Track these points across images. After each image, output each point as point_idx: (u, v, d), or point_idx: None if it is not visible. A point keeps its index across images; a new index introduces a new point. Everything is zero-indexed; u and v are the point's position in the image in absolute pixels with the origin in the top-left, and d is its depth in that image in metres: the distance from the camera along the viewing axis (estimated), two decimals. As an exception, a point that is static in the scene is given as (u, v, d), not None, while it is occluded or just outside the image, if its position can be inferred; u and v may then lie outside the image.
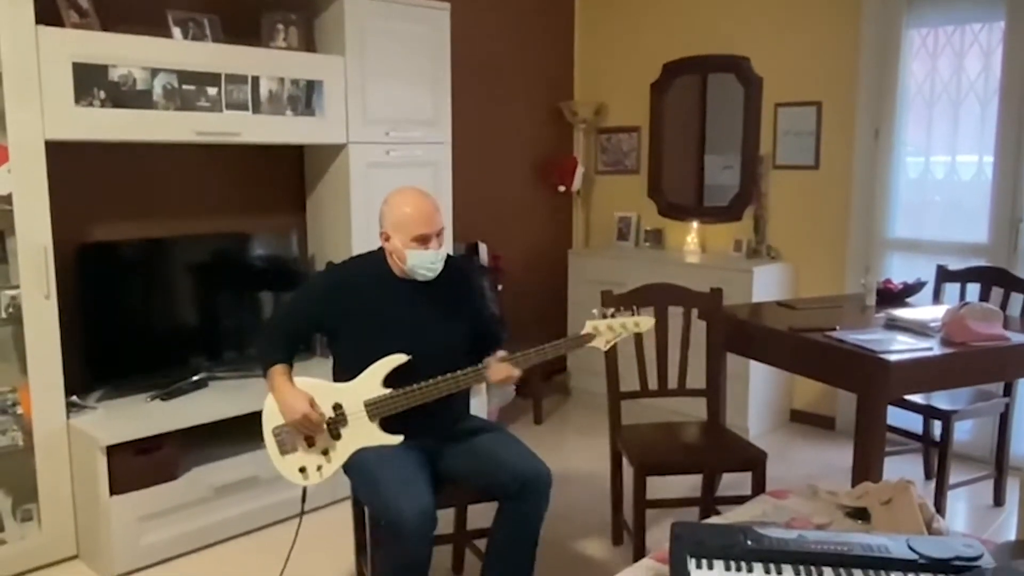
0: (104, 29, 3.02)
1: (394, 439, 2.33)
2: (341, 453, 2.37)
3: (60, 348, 2.87)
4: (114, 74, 2.92)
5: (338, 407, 2.36)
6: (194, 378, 3.34)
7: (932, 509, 1.93)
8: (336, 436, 2.37)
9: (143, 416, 3.01)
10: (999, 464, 3.43)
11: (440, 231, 2.36)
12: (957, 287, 3.63)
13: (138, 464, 2.89)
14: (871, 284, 3.48)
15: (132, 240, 3.30)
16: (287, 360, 2.42)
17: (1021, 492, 2.53)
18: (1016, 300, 3.43)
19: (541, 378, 4.56)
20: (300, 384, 2.38)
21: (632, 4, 5.04)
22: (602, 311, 2.41)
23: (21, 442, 2.88)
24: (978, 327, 2.77)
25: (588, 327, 2.38)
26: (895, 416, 3.02)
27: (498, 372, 2.33)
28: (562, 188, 5.15)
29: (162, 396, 3.19)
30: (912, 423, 3.54)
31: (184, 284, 3.40)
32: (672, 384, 3.08)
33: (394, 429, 2.34)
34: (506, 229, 4.98)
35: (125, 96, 2.95)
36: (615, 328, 2.37)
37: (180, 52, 3.10)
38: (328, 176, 3.78)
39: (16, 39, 2.69)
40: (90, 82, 2.87)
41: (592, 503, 3.48)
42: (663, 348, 3.05)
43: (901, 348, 2.68)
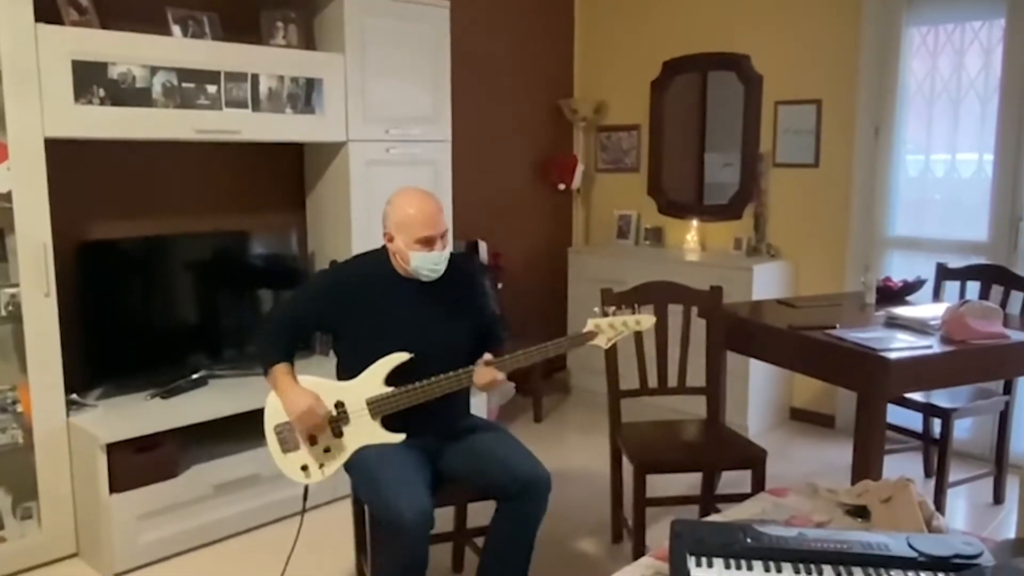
0: (103, 27, 3.02)
1: (396, 437, 2.34)
2: (343, 451, 2.37)
3: (60, 346, 2.87)
4: (113, 72, 2.92)
5: (340, 405, 2.36)
6: (194, 376, 3.34)
7: (932, 507, 1.93)
8: (338, 434, 2.37)
9: (143, 414, 3.01)
10: (999, 462, 3.43)
11: (444, 232, 2.35)
12: (957, 285, 3.63)
13: (138, 462, 2.89)
14: (871, 282, 3.48)
15: (132, 238, 3.30)
16: (288, 358, 2.42)
17: (1021, 490, 2.52)
18: (1016, 298, 3.43)
19: (541, 376, 4.56)
20: (302, 383, 2.38)
21: (632, 2, 5.03)
22: (603, 309, 2.41)
23: (21, 440, 2.88)
24: (978, 325, 2.77)
25: (590, 325, 2.38)
26: (895, 414, 3.02)
27: (482, 376, 2.31)
28: (562, 186, 5.15)
29: (162, 394, 3.19)
30: (912, 421, 3.54)
31: (184, 282, 3.40)
32: (672, 382, 3.08)
33: (395, 427, 2.35)
34: (506, 227, 4.98)
35: (124, 94, 2.95)
36: (616, 326, 2.37)
37: (179, 50, 3.09)
38: (328, 174, 3.78)
39: (16, 37, 2.69)
40: (89, 80, 2.86)
41: (592, 501, 3.48)
42: (663, 346, 3.05)
43: (901, 346, 2.68)
